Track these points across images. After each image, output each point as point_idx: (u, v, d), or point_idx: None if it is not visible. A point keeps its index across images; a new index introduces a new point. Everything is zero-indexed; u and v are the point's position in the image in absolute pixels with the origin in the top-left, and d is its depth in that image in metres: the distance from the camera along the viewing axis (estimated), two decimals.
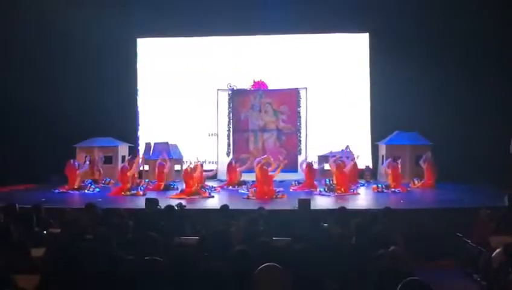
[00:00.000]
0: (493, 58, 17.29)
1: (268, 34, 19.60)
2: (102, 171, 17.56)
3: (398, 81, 18.08)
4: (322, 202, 13.55)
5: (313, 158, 17.92)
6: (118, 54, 19.22)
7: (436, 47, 17.90)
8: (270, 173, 14.67)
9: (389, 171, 15.72)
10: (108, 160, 18.15)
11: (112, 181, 17.05)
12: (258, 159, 15.34)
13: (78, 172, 16.00)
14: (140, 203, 12.27)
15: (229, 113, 18.74)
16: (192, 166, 15.26)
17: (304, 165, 16.60)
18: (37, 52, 18.58)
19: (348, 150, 17.08)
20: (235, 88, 19.04)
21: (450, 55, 17.83)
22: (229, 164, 17.02)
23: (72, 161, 16.39)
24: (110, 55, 18.85)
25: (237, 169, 16.82)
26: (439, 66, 17.73)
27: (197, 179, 15.06)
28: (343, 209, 9.12)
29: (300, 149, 18.40)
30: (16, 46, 18.43)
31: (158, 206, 10.51)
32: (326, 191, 14.90)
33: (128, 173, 15.42)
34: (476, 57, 17.54)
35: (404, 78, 17.91)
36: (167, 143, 18.36)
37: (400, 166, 15.97)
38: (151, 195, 13.91)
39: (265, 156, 15.93)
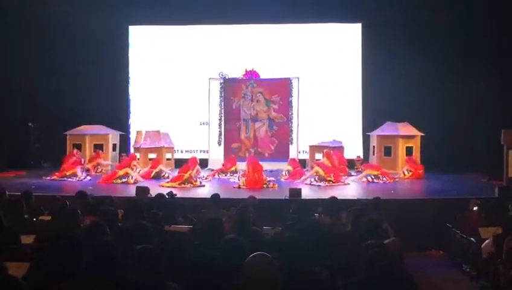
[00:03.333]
0: (485, 50, 17.31)
1: (261, 23, 19.54)
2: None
3: (390, 71, 18.11)
4: (313, 191, 13.56)
5: (304, 148, 17.97)
6: (110, 42, 19.13)
7: (428, 38, 17.89)
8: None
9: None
10: (99, 148, 18.10)
11: (103, 169, 17.01)
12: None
13: (72, 160, 15.99)
14: (131, 191, 12.26)
15: (220, 102, 18.71)
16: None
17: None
18: (29, 40, 18.43)
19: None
20: (226, 77, 19.06)
21: (442, 46, 17.84)
22: (230, 154, 17.07)
23: (75, 151, 16.42)
24: (102, 43, 18.76)
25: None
26: (431, 57, 17.74)
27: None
28: (333, 199, 9.14)
29: (292, 139, 18.40)
30: (8, 34, 18.28)
31: (149, 195, 10.52)
32: (316, 181, 14.90)
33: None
34: (469, 48, 17.55)
35: (396, 68, 17.95)
36: (158, 131, 18.32)
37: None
38: (142, 183, 13.88)
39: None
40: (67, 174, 15.67)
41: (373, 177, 15.34)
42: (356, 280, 4.63)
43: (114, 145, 18.41)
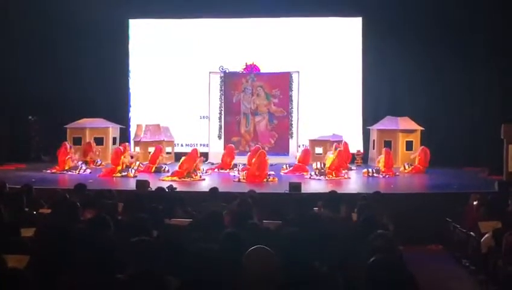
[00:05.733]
0: (486, 44, 17.28)
1: (261, 16, 19.47)
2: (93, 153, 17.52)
3: (390, 65, 18.10)
4: (313, 185, 13.57)
5: (304, 142, 17.97)
6: (110, 35, 19.05)
7: (429, 32, 17.84)
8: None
9: (383, 157, 15.76)
10: (99, 141, 18.10)
11: (103, 163, 17.03)
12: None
13: (69, 155, 15.95)
14: (131, 184, 12.26)
15: (220, 96, 18.69)
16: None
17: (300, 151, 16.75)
18: (28, 33, 18.39)
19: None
20: (227, 71, 19.03)
21: (442, 40, 17.80)
22: (229, 148, 17.01)
23: (67, 144, 16.38)
24: (102, 36, 18.70)
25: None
26: (432, 51, 17.72)
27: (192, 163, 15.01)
28: (333, 193, 9.15)
29: (292, 133, 18.39)
30: (7, 27, 18.25)
31: (149, 188, 10.52)
32: (317, 175, 14.92)
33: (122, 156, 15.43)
34: (469, 42, 17.51)
35: (396, 63, 17.93)
36: (158, 125, 18.32)
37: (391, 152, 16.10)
38: (142, 177, 13.88)
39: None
40: (68, 167, 15.69)
41: (373, 171, 15.36)
42: (355, 274, 4.63)
43: (114, 139, 18.42)
